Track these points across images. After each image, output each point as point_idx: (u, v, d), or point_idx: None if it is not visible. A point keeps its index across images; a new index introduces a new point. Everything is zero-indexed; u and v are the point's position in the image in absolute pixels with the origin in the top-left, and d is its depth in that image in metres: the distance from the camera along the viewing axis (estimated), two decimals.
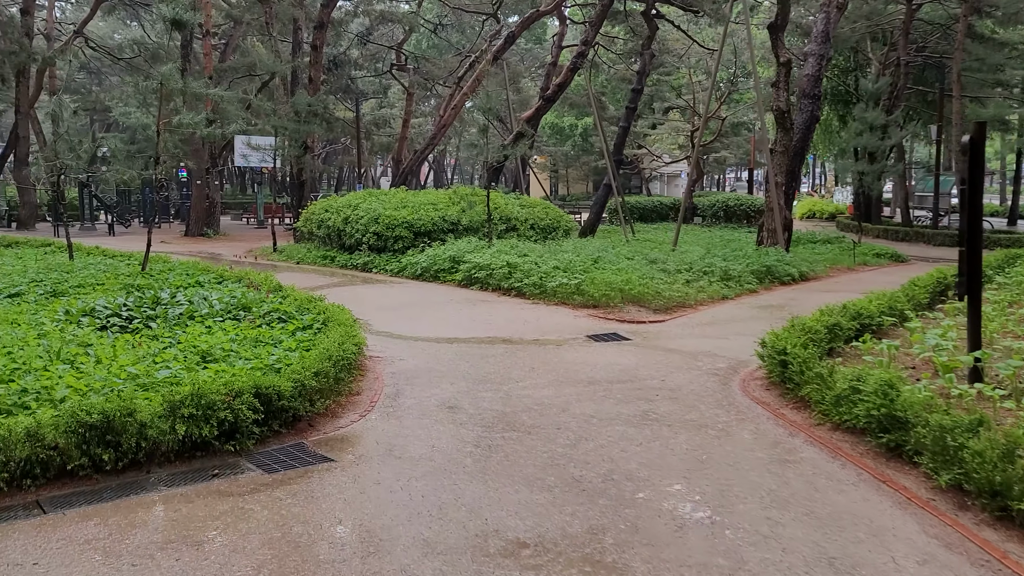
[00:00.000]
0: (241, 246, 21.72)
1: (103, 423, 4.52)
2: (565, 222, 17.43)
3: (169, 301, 8.57)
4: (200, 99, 16.89)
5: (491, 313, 10.54)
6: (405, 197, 16.72)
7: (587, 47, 22.18)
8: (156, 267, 12.39)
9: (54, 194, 27.61)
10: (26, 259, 14.36)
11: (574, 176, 62.29)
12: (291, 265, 16.51)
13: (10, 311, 8.69)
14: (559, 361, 7.73)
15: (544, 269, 12.05)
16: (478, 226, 15.81)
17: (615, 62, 38.25)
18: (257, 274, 10.86)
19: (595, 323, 9.91)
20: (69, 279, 11.22)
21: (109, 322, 7.88)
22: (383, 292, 12.65)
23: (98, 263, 13.24)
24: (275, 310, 8.32)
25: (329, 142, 53.92)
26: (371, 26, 33.14)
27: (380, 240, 15.33)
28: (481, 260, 12.94)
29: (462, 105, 27.62)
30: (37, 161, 11.62)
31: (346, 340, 6.75)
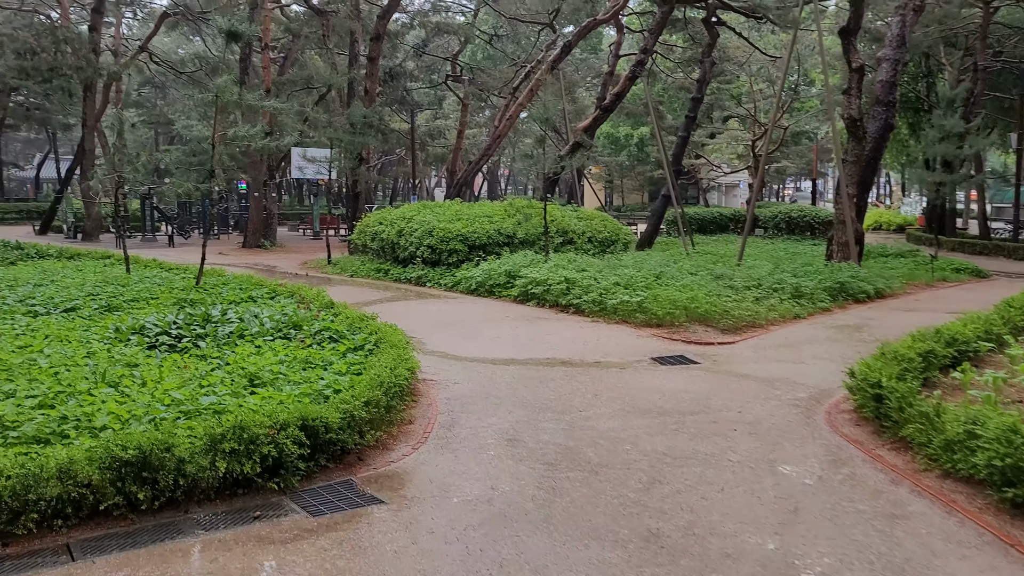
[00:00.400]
0: (296, 258, 21.71)
1: (139, 459, 4.20)
2: (624, 235, 16.89)
3: (219, 318, 8.33)
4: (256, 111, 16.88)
5: (549, 332, 10.08)
6: (460, 209, 16.40)
7: (646, 55, 21.64)
8: (210, 281, 12.27)
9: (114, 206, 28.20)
10: (85, 271, 14.44)
11: (629, 186, 61.54)
12: (345, 278, 16.31)
13: (63, 326, 8.57)
14: (624, 387, 7.23)
15: (604, 285, 11.54)
16: (534, 239, 15.38)
17: (673, 71, 37.52)
18: (309, 289, 10.60)
19: (659, 344, 9.37)
20: (124, 293, 11.14)
21: (158, 340, 7.66)
22: (437, 308, 12.30)
23: (154, 276, 13.20)
24: (326, 329, 8.00)
25: (384, 153, 54.29)
26: (427, 38, 33.13)
27: (434, 253, 15.02)
28: (538, 275, 12.50)
29: (517, 115, 27.30)
30: (95, 174, 11.70)
31: (398, 364, 6.37)
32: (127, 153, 12.79)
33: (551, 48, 30.38)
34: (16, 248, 19.41)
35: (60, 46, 23.37)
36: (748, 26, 31.06)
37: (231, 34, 11.32)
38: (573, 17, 33.62)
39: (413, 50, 32.98)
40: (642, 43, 23.97)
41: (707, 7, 23.38)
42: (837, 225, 15.66)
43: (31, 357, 6.86)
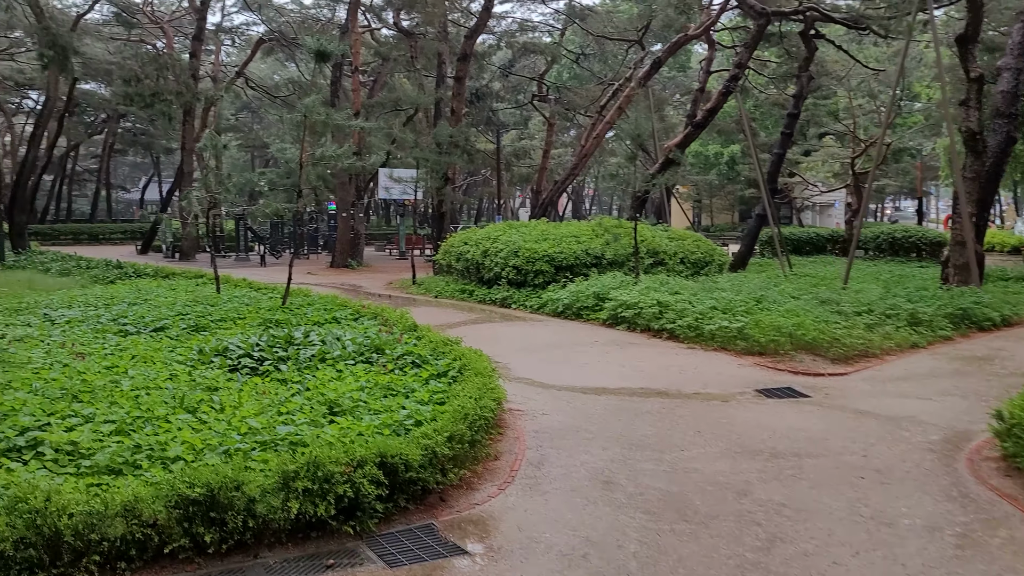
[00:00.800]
0: (382, 278, 21.74)
1: (207, 497, 3.89)
2: (718, 256, 16.12)
3: (302, 341, 8.11)
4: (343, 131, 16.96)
5: (642, 358, 9.50)
6: (546, 229, 15.99)
7: (740, 70, 20.84)
8: (296, 301, 12.20)
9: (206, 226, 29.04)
10: (178, 291, 14.68)
11: (718, 206, 60.12)
12: (429, 299, 16.10)
13: (150, 346, 8.53)
14: (729, 423, 6.60)
15: (699, 309, 10.88)
16: (623, 260, 14.82)
17: (766, 86, 36.35)
18: (393, 311, 10.34)
19: (764, 374, 8.66)
20: (213, 312, 11.16)
21: (240, 363, 7.48)
22: (523, 331, 11.87)
23: (243, 296, 13.26)
24: (408, 353, 7.67)
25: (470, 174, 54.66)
26: (513, 58, 33.07)
27: (520, 274, 14.64)
28: (628, 297, 11.93)
29: (604, 134, 26.81)
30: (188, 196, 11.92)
31: (484, 394, 5.94)
32: (219, 174, 12.92)
33: (639, 66, 29.84)
34: (117, 267, 20.09)
35: (162, 72, 24.28)
36: (848, 38, 29.78)
37: (320, 54, 11.28)
38: (662, 34, 33.01)
39: (499, 70, 32.97)
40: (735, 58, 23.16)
41: (805, 20, 22.41)
42: (954, 246, 14.49)
43: (115, 378, 6.77)
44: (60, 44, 22.01)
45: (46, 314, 11.17)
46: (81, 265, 20.94)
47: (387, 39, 32.53)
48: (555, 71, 39.24)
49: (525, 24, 32.97)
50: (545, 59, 34.36)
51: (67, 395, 6.17)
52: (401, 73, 35.93)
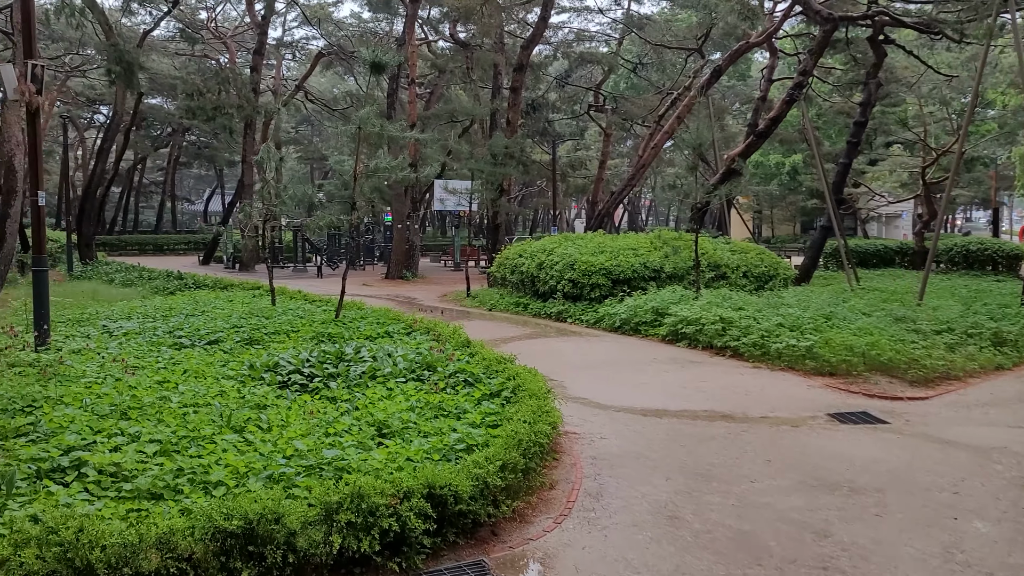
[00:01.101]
0: (436, 290, 21.63)
1: (245, 530, 3.67)
2: (783, 269, 15.51)
3: (353, 357, 7.93)
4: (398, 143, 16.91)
5: (704, 378, 9.07)
6: (603, 241, 15.62)
7: (805, 77, 20.18)
8: (350, 314, 12.09)
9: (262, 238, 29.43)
10: (235, 302, 14.76)
11: (779, 217, 58.83)
12: (483, 312, 15.88)
13: (203, 360, 8.47)
14: (801, 451, 6.15)
15: (765, 326, 10.38)
16: (683, 274, 14.36)
17: (830, 94, 35.34)
18: (445, 326, 10.11)
19: (835, 397, 8.15)
20: (267, 325, 11.12)
21: (290, 379, 7.32)
22: (579, 347, 11.52)
23: (297, 308, 13.22)
24: (461, 371, 7.41)
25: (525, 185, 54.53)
26: (570, 68, 32.82)
27: (575, 288, 14.30)
28: (689, 313, 11.49)
29: (663, 144, 26.33)
30: (245, 208, 12.03)
31: (538, 418, 5.63)
32: (276, 186, 12.94)
33: (699, 74, 29.28)
34: (177, 278, 20.41)
35: (223, 86, 24.72)
36: (919, 43, 28.70)
37: (375, 65, 11.18)
38: (722, 43, 32.38)
39: (555, 81, 32.75)
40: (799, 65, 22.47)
41: (873, 24, 21.62)
42: None
43: (166, 394, 6.67)
44: (126, 60, 22.55)
45: (105, 325, 11.27)
46: (143, 276, 21.36)
47: (443, 51, 32.63)
48: (612, 81, 38.86)
49: (582, 34, 32.70)
50: (602, 69, 34.02)
51: (116, 411, 6.08)
52: (457, 85, 36.02)
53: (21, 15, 9.47)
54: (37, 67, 8.79)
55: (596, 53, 32.82)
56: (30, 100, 8.79)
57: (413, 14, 24.68)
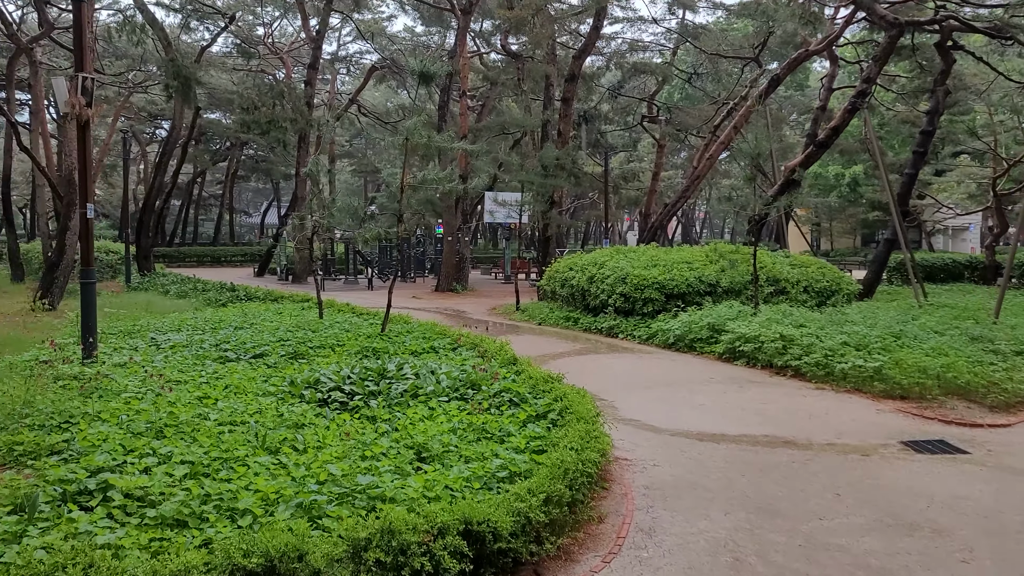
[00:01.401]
0: (486, 303, 21.39)
1: (266, 569, 3.39)
2: (846, 284, 14.82)
3: (395, 374, 7.67)
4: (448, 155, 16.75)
5: (764, 400, 8.57)
6: (656, 255, 15.16)
7: (868, 85, 19.41)
8: (396, 328, 11.89)
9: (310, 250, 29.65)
10: (284, 315, 14.72)
11: (839, 230, 57.33)
12: (532, 326, 15.54)
13: (246, 375, 8.32)
14: (874, 484, 5.66)
15: (829, 344, 9.82)
16: (740, 288, 13.82)
17: (893, 103, 34.21)
18: (492, 342, 9.81)
19: (908, 423, 7.58)
20: (313, 339, 10.98)
21: (330, 396, 7.09)
22: (631, 364, 11.09)
23: (344, 322, 13.08)
24: (506, 390, 7.09)
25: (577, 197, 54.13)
26: (623, 79, 32.40)
27: (627, 302, 13.87)
28: (747, 330, 10.97)
29: (718, 155, 25.70)
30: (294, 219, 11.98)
31: (587, 444, 5.27)
32: (324, 198, 12.85)
33: (755, 84, 28.58)
34: (230, 290, 20.57)
35: (278, 100, 24.98)
36: (989, 49, 27.55)
37: (423, 75, 11.00)
38: (780, 52, 31.62)
39: (608, 92, 32.36)
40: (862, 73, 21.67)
41: (941, 30, 20.75)
42: None
43: (204, 411, 6.50)
44: (183, 75, 22.94)
45: (153, 338, 11.27)
46: (197, 288, 21.58)
47: (495, 63, 32.54)
48: (666, 91, 38.30)
49: (635, 44, 32.27)
50: (656, 79, 33.50)
51: (152, 429, 5.92)
52: (509, 97, 35.91)
53: (73, 30, 9.53)
54: (87, 80, 8.81)
55: (649, 63, 32.34)
56: (80, 112, 8.80)
57: (465, 26, 24.62)
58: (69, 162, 18.75)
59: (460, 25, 24.55)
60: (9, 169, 28.59)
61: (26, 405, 6.35)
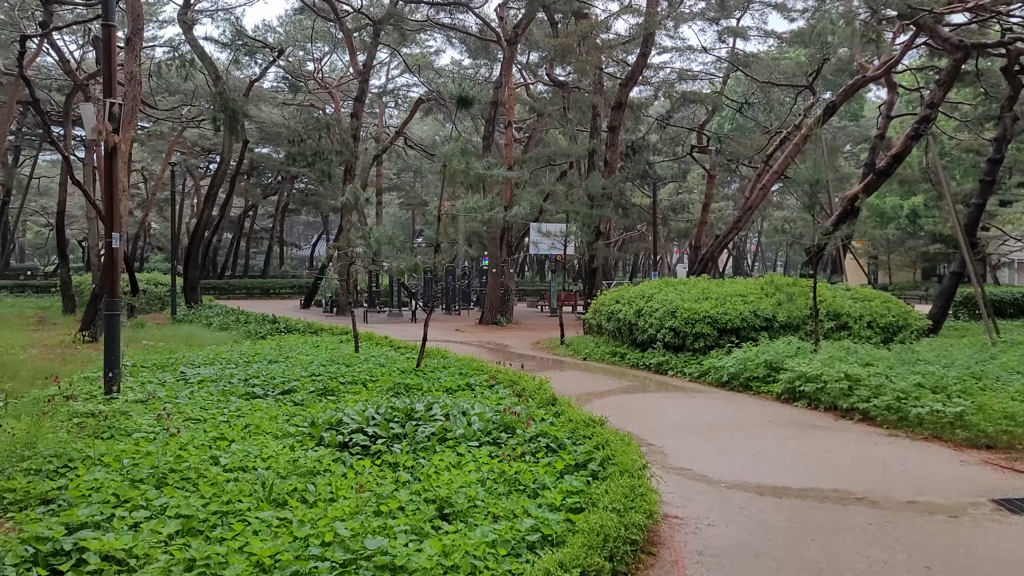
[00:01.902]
0: (530, 336, 20.77)
1: None
2: (913, 319, 13.81)
3: (423, 415, 7.09)
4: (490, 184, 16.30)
5: (831, 447, 7.75)
6: (707, 287, 14.39)
7: (933, 110, 18.44)
8: (432, 363, 11.35)
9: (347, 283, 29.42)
10: (321, 348, 14.34)
11: (897, 263, 55.47)
12: (576, 362, 14.86)
13: (268, 413, 7.85)
14: (968, 553, 4.84)
15: (901, 385, 8.94)
16: (798, 323, 12.96)
17: (956, 130, 32.91)
18: (531, 379, 9.18)
19: (998, 477, 6.70)
20: (346, 374, 10.51)
21: (351, 440, 6.54)
22: (681, 404, 10.33)
23: (380, 355, 12.59)
24: (543, 435, 6.44)
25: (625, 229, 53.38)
26: (671, 108, 31.79)
27: (677, 337, 13.12)
28: (808, 368, 10.14)
29: (771, 184, 24.83)
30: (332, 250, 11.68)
31: (630, 504, 4.60)
32: (362, 228, 12.44)
33: (809, 112, 27.68)
34: (271, 323, 20.33)
35: (324, 132, 24.99)
36: None
37: (462, 100, 10.59)
38: (834, 81, 30.70)
39: (656, 122, 31.77)
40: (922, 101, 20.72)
41: (1009, 53, 19.75)
42: None
43: (215, 454, 6.01)
44: (231, 108, 23.09)
45: (183, 372, 10.91)
46: (240, 320, 21.41)
47: (541, 94, 32.24)
48: (716, 121, 37.57)
49: (684, 73, 31.69)
50: (705, 109, 32.81)
51: (154, 475, 5.43)
52: (556, 128, 35.55)
53: (103, 56, 9.34)
54: (115, 106, 8.57)
55: (699, 93, 31.70)
56: (107, 138, 8.55)
57: (510, 57, 24.37)
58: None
59: (505, 56, 24.30)
60: (64, 203, 29.16)
61: (27, 446, 5.93)
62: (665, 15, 23.26)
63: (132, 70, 18.41)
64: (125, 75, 18.91)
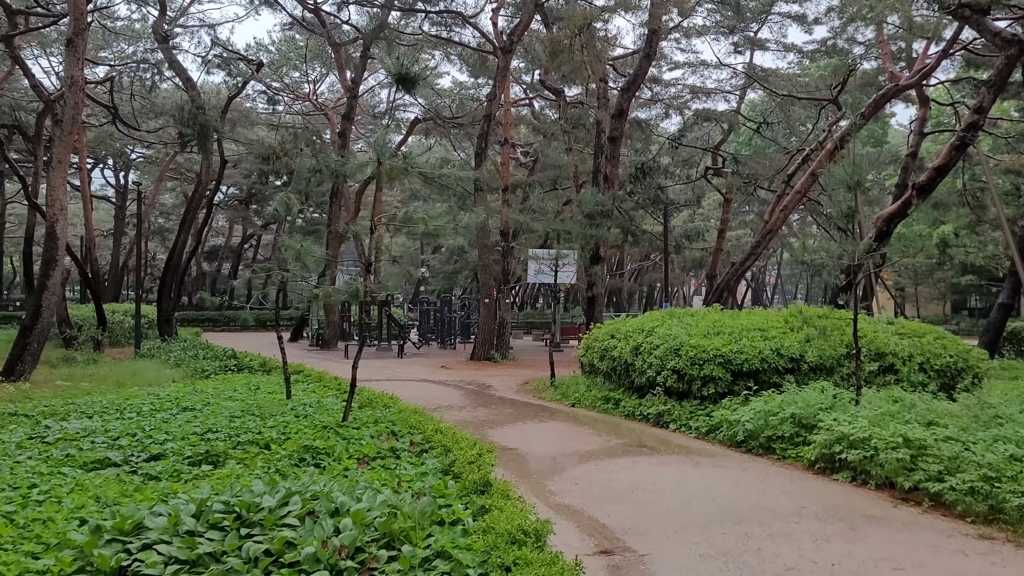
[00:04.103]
0: (522, 375, 18.30)
1: None
2: (976, 360, 11.18)
3: (267, 517, 4.62)
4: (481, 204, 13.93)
5: (897, 559, 5.22)
6: (719, 319, 11.86)
7: (982, 115, 15.97)
8: (364, 416, 8.96)
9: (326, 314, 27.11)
10: (261, 390, 12.06)
11: (926, 295, 52.56)
12: (563, 408, 12.38)
13: (76, 501, 5.48)
14: None
15: (987, 458, 6.40)
16: (832, 365, 10.43)
17: (995, 151, 30.38)
18: (471, 446, 6.71)
19: None
20: (254, 429, 8.20)
21: (132, 567, 4.12)
22: (681, 475, 7.80)
23: (312, 403, 10.20)
24: (443, 554, 4.00)
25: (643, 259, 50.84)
26: (683, 127, 29.49)
27: (681, 381, 10.61)
28: (850, 428, 7.61)
29: (793, 206, 22.38)
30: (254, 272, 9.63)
31: None
32: None
33: (834, 128, 25.28)
34: (231, 358, 18.10)
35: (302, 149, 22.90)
36: None
37: (401, 79, 8.32)
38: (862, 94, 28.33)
39: (668, 141, 29.46)
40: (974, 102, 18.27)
41: None
42: None
43: None
44: (200, 122, 21.07)
45: (48, 425, 8.60)
46: (199, 356, 19.13)
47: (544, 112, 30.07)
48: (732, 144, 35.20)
49: (696, 89, 29.43)
50: (720, 128, 30.48)
51: None
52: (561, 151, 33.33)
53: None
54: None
55: (713, 111, 29.38)
56: None
57: (505, 67, 22.22)
58: (51, 213, 16.64)
59: (500, 65, 22.16)
60: (32, 228, 27.18)
61: None
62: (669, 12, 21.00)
63: (74, 74, 16.35)
64: (66, 79, 16.86)
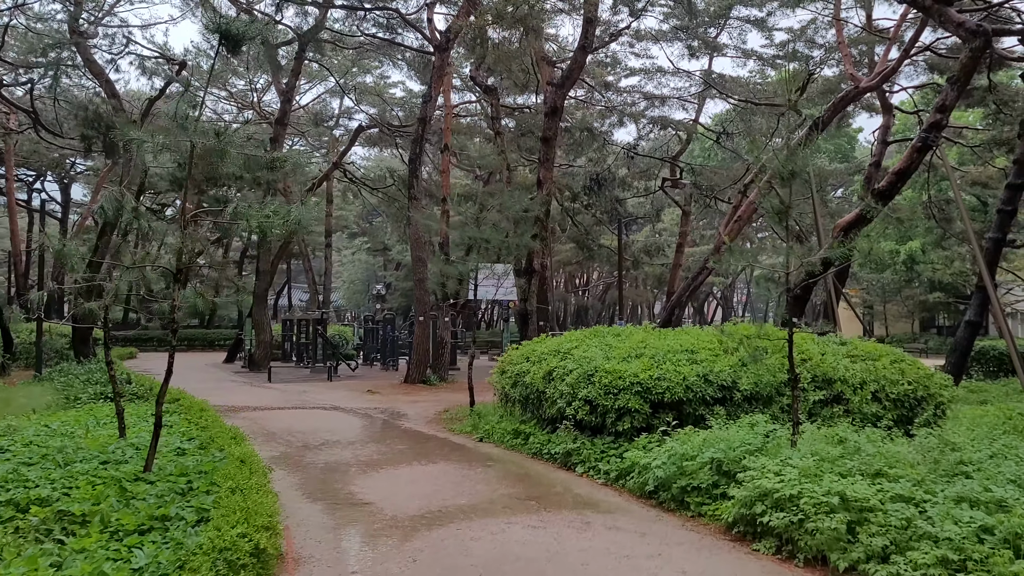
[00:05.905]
0: (450, 400, 16.51)
1: None
2: (936, 386, 9.55)
3: None
4: None
5: None
6: (645, 339, 10.16)
7: (944, 115, 14.55)
8: (177, 464, 7.14)
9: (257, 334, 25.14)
10: (110, 425, 10.18)
11: (894, 313, 51.57)
12: (469, 443, 10.62)
13: None
14: None
15: (948, 529, 4.72)
16: (770, 394, 8.78)
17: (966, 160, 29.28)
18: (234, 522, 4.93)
19: None
20: (42, 477, 6.41)
21: None
22: (558, 552, 6.02)
23: (143, 443, 8.35)
24: None
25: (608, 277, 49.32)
26: (639, 135, 28.07)
27: (594, 413, 8.89)
28: (776, 482, 5.92)
29: (748, 216, 20.90)
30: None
31: None
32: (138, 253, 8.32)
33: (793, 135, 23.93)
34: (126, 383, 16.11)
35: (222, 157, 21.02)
36: None
37: (226, 36, 6.64)
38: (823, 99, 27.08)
39: (623, 151, 27.99)
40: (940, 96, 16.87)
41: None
42: None
43: None
44: (104, 124, 19.18)
45: None
46: (90, 381, 17.09)
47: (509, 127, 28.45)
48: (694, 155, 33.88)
49: (653, 96, 28.04)
50: (679, 137, 29.09)
51: None
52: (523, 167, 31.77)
53: None
54: None
55: (670, 119, 27.99)
56: None
57: (441, 66, 20.58)
58: None
59: (435, 64, 20.53)
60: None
61: None
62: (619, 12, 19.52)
63: None
64: None
